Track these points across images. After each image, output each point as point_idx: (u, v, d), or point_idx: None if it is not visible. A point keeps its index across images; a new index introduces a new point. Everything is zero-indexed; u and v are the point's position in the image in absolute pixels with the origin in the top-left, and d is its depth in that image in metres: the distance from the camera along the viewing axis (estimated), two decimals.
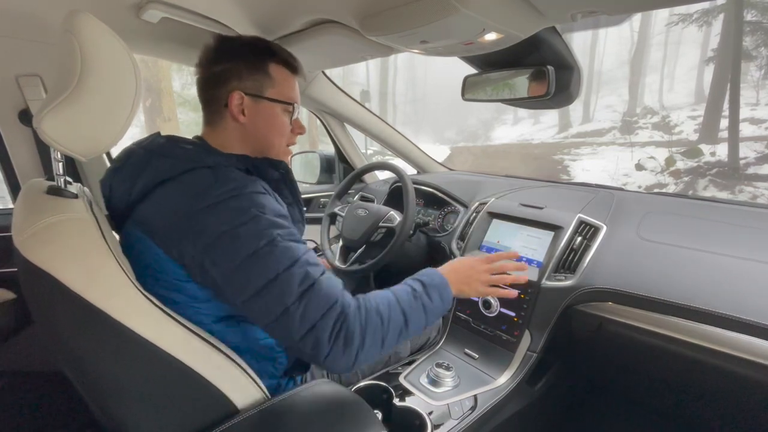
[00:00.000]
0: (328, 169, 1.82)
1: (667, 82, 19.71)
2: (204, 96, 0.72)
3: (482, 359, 0.98)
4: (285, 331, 0.56)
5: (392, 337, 0.62)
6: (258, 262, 0.55)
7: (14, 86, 0.96)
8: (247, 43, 0.71)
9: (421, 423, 0.78)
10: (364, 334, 0.58)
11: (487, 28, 0.71)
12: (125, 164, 0.65)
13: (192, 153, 0.63)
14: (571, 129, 17.01)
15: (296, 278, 0.56)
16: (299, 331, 0.56)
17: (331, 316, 0.56)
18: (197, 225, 0.56)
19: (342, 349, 0.57)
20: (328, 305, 0.57)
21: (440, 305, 0.70)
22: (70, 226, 0.52)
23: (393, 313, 0.63)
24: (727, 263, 0.76)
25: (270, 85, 0.70)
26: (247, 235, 0.56)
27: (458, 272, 0.75)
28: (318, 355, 0.56)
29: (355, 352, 0.57)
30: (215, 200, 0.57)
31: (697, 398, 0.87)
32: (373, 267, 1.12)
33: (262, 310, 0.56)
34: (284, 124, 0.73)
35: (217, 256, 0.56)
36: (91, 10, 0.54)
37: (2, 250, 0.98)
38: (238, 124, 0.70)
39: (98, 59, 0.51)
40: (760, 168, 7.66)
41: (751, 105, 11.49)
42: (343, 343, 0.57)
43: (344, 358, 0.57)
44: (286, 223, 0.60)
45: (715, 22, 8.77)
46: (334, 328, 0.56)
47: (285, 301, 0.55)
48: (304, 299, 0.56)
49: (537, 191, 1.20)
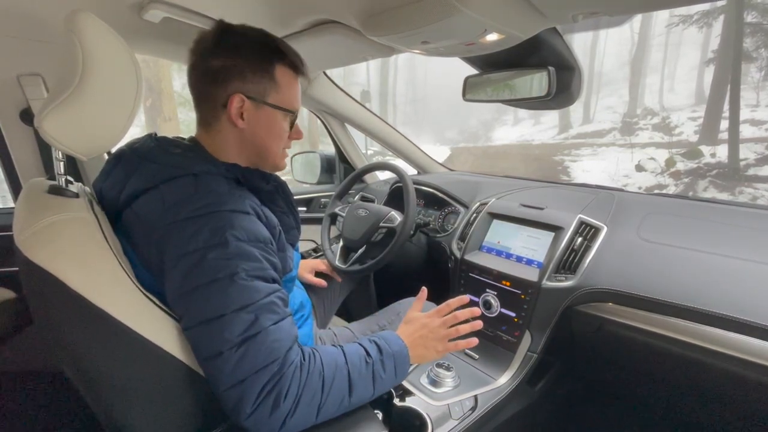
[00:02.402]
0: (328, 170, 1.82)
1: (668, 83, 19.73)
2: (198, 91, 0.65)
3: (482, 359, 0.98)
4: (213, 375, 0.52)
5: (331, 406, 0.56)
6: (210, 294, 0.51)
7: (15, 85, 0.96)
8: (255, 39, 0.65)
9: (422, 423, 0.78)
10: (299, 400, 0.52)
11: (489, 29, 0.71)
12: (115, 168, 0.63)
13: (179, 159, 0.60)
14: (571, 130, 17.03)
15: (242, 323, 0.51)
16: (226, 381, 0.51)
17: (266, 373, 0.51)
18: (167, 238, 0.53)
19: (269, 412, 0.51)
20: (267, 361, 0.51)
21: (392, 379, 0.63)
22: (71, 225, 0.52)
23: (338, 379, 0.57)
24: (728, 264, 0.76)
25: (274, 90, 0.66)
26: (209, 261, 0.52)
27: (412, 336, 0.69)
28: (239, 414, 0.50)
29: (284, 417, 0.51)
30: (190, 215, 0.53)
31: (697, 399, 0.87)
32: (373, 267, 1.13)
33: (199, 344, 0.53)
34: (283, 130, 0.69)
35: (175, 275, 0.53)
36: (93, 9, 0.54)
37: (3, 249, 0.98)
38: (235, 128, 0.65)
39: (100, 59, 0.52)
40: (760, 169, 7.67)
41: (752, 106, 11.51)
42: (271, 405, 0.51)
43: (269, 423, 0.51)
44: (257, 253, 0.55)
45: (716, 24, 8.79)
46: (265, 387, 0.51)
47: (222, 345, 0.50)
48: (242, 348, 0.51)
49: (537, 192, 1.20)
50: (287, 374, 0.52)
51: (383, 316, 1.02)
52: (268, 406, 0.51)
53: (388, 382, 0.62)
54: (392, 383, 0.63)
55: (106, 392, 0.54)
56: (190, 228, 0.53)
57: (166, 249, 0.53)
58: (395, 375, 0.63)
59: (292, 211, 0.72)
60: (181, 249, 0.52)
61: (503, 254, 1.04)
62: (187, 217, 0.53)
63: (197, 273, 0.51)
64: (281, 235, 0.64)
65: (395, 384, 0.64)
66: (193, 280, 0.52)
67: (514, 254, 1.02)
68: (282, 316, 0.55)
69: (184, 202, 0.54)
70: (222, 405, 0.53)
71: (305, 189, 1.75)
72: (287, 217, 0.70)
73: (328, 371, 0.56)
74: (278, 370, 0.52)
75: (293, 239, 0.73)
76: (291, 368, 0.53)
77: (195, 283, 0.51)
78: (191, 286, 0.52)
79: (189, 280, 0.52)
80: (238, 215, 0.55)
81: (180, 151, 0.62)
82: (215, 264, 0.52)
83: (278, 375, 0.51)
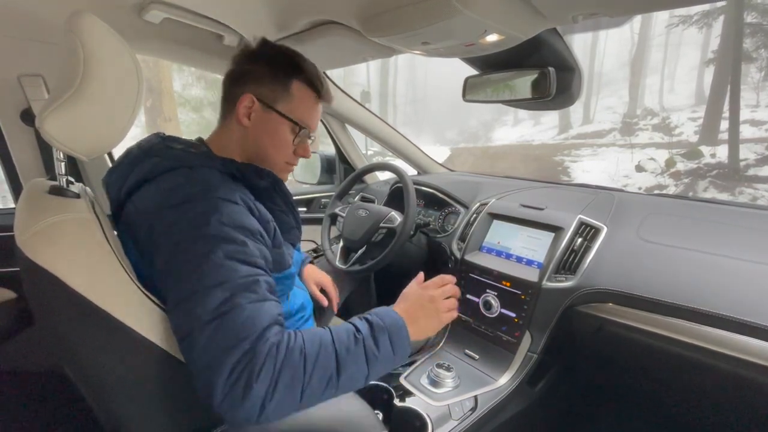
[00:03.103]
0: (328, 170, 1.82)
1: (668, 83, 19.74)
2: (223, 92, 0.72)
3: (483, 360, 0.98)
4: (187, 359, 0.49)
5: (316, 388, 0.50)
6: (188, 273, 0.50)
7: (16, 86, 0.96)
8: (283, 54, 0.71)
9: (422, 423, 0.78)
10: (276, 381, 0.47)
11: (489, 30, 0.71)
12: (121, 164, 0.65)
13: (179, 153, 0.62)
14: (571, 130, 17.04)
15: (215, 299, 0.48)
16: (197, 363, 0.47)
17: (237, 351, 0.47)
18: (157, 223, 0.54)
19: (241, 395, 0.46)
20: (238, 339, 0.47)
21: (389, 356, 0.57)
22: (72, 225, 0.53)
23: (323, 357, 0.51)
24: (728, 264, 0.77)
25: (286, 101, 0.69)
26: (189, 241, 0.51)
27: (410, 309, 0.65)
28: (212, 399, 0.46)
29: (260, 401, 0.46)
30: (181, 200, 0.54)
31: (697, 399, 0.87)
32: (373, 267, 1.13)
33: (174, 326, 0.51)
34: (286, 142, 0.71)
35: (159, 258, 0.53)
36: (94, 10, 0.54)
37: (4, 249, 0.98)
38: (241, 126, 0.69)
39: (101, 59, 0.52)
40: (760, 170, 7.67)
41: (752, 107, 11.52)
42: (243, 388, 0.46)
43: (243, 409, 0.46)
44: (242, 237, 0.54)
45: (716, 24, 8.79)
46: (236, 367, 0.46)
47: (193, 322, 0.48)
48: (212, 325, 0.48)
49: (537, 192, 1.20)
50: (260, 352, 0.47)
51: None
52: (240, 389, 0.46)
53: (385, 360, 0.57)
54: (390, 362, 0.57)
55: (106, 392, 0.54)
56: (178, 212, 0.54)
57: (154, 233, 0.54)
58: (393, 351, 0.57)
59: (291, 210, 0.72)
60: (166, 231, 0.53)
61: (503, 255, 1.04)
62: (176, 203, 0.55)
63: (177, 253, 0.52)
64: (276, 232, 0.64)
65: (395, 363, 0.58)
66: (173, 260, 0.52)
67: (514, 255, 1.02)
68: (263, 297, 0.52)
69: (176, 189, 0.56)
70: (198, 393, 0.48)
71: (305, 189, 1.75)
72: (286, 216, 0.71)
73: (311, 347, 0.51)
74: (250, 348, 0.47)
75: (294, 239, 0.73)
76: (265, 346, 0.48)
77: (174, 263, 0.52)
78: (171, 266, 0.52)
79: (170, 260, 0.52)
80: (227, 203, 0.55)
81: (181, 147, 0.65)
82: (194, 244, 0.51)
83: (250, 353, 0.47)
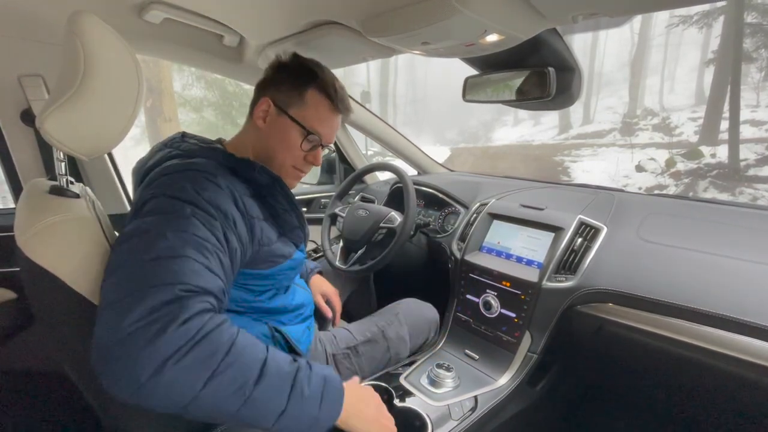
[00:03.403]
0: (328, 170, 1.83)
1: (668, 83, 19.74)
2: (252, 98, 0.78)
3: (483, 360, 0.98)
4: (102, 292, 0.45)
5: (224, 384, 0.43)
6: (152, 214, 0.51)
7: (16, 86, 0.96)
8: (302, 63, 0.75)
9: (422, 424, 0.78)
10: (192, 347, 0.42)
11: (489, 30, 0.71)
12: (146, 158, 0.71)
13: (188, 146, 0.67)
14: (571, 130, 17.03)
15: (164, 242, 0.47)
16: (109, 294, 0.43)
17: (162, 294, 0.43)
18: (145, 191, 0.56)
19: (147, 340, 0.40)
20: (172, 282, 0.44)
21: (315, 403, 0.49)
22: (72, 225, 0.53)
23: (248, 357, 0.46)
24: (728, 264, 0.77)
25: (298, 106, 0.72)
26: (166, 196, 0.53)
27: (368, 407, 0.58)
28: (112, 331, 0.40)
29: (163, 358, 0.40)
30: (170, 171, 0.58)
31: (697, 399, 0.87)
32: (373, 267, 1.13)
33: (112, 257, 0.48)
34: (294, 146, 0.73)
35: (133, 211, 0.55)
36: (94, 10, 0.54)
37: (4, 249, 0.98)
38: (256, 128, 0.74)
39: (101, 60, 0.52)
40: (760, 170, 7.67)
41: (752, 107, 11.51)
42: (154, 333, 0.40)
43: (144, 353, 0.40)
44: (214, 212, 0.53)
45: (716, 24, 8.79)
46: (154, 310, 0.41)
47: (130, 256, 0.46)
48: (150, 263, 0.45)
49: (537, 192, 1.20)
50: (189, 307, 0.43)
51: (382, 316, 1.02)
52: (152, 331, 0.40)
53: (309, 406, 0.49)
54: (312, 412, 0.49)
55: (106, 391, 0.54)
56: (164, 179, 0.57)
57: (140, 200, 0.56)
58: (320, 401, 0.50)
59: (294, 208, 0.73)
60: (149, 193, 0.55)
61: (503, 255, 1.04)
62: (166, 173, 0.58)
63: (148, 201, 0.54)
64: (263, 232, 0.65)
65: (315, 419, 0.49)
66: (140, 208, 0.53)
67: (514, 255, 1.02)
68: (214, 267, 0.50)
69: (170, 167, 0.60)
70: (93, 339, 0.41)
71: (305, 189, 1.75)
72: (289, 216, 0.71)
73: (242, 341, 0.47)
74: (179, 298, 0.43)
75: (297, 239, 0.74)
76: (197, 305, 0.44)
77: (142, 209, 0.53)
78: (137, 211, 0.54)
79: (138, 210, 0.54)
80: (211, 183, 0.57)
81: (195, 141, 0.70)
82: (167, 200, 0.53)
83: (178, 303, 0.43)
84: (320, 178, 1.79)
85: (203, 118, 8.31)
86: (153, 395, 0.41)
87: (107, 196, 1.16)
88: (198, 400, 0.42)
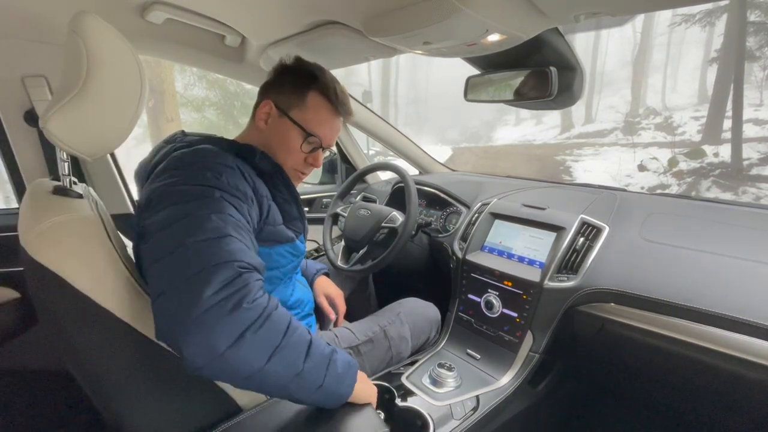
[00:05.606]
0: (330, 170, 1.83)
1: (670, 82, 19.66)
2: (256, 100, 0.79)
3: (484, 360, 0.98)
4: (162, 276, 0.47)
5: (284, 358, 0.48)
6: (180, 199, 0.52)
7: (20, 87, 0.97)
8: (304, 66, 0.77)
9: (423, 423, 0.78)
10: (266, 319, 0.47)
11: (490, 29, 0.71)
12: (148, 158, 0.71)
13: (191, 139, 0.68)
14: (573, 130, 16.97)
15: (209, 223, 0.49)
16: (175, 276, 0.45)
17: (226, 271, 0.46)
18: (159, 182, 0.56)
19: (228, 311, 0.44)
20: (229, 259, 0.47)
21: (342, 382, 0.57)
22: (76, 225, 0.53)
23: (300, 337, 0.51)
24: (730, 264, 0.76)
25: (299, 109, 0.74)
26: (187, 183, 0.54)
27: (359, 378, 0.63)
28: (193, 305, 0.43)
29: (243, 329, 0.44)
30: (181, 165, 0.58)
31: (699, 399, 0.87)
32: (375, 267, 1.13)
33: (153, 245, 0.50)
34: (295, 148, 0.75)
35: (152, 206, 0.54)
36: (96, 11, 0.54)
37: (7, 249, 0.98)
38: (258, 129, 0.75)
39: (104, 60, 0.52)
40: (763, 169, 7.62)
41: (755, 106, 11.44)
42: (232, 306, 0.44)
43: (222, 327, 0.43)
44: (236, 192, 0.57)
45: (719, 23, 8.74)
46: (227, 284, 0.45)
47: (183, 239, 0.48)
48: (204, 243, 0.48)
49: (539, 192, 1.20)
50: (251, 282, 0.48)
51: (384, 315, 1.02)
52: (228, 305, 0.44)
53: (339, 382, 0.56)
54: (339, 389, 0.57)
55: (109, 391, 0.54)
56: (177, 171, 0.57)
57: (153, 193, 0.55)
58: (345, 379, 0.57)
59: (294, 199, 0.74)
60: (165, 185, 0.55)
61: (505, 254, 1.04)
62: (177, 166, 0.58)
63: (173, 190, 0.54)
64: (271, 210, 0.67)
65: (341, 394, 0.58)
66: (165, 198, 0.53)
67: (516, 254, 1.02)
68: (250, 244, 0.54)
69: (178, 158, 0.60)
70: (159, 318, 0.45)
71: (307, 189, 1.75)
72: (289, 206, 0.73)
73: (294, 321, 0.52)
74: (239, 274, 0.47)
75: (296, 229, 0.75)
76: (255, 281, 0.49)
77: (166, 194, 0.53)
78: (162, 197, 0.53)
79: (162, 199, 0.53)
80: (222, 166, 0.59)
81: (197, 137, 0.70)
82: (189, 188, 0.53)
83: (241, 280, 0.47)
84: (322, 177, 1.79)
85: (205, 118, 8.33)
86: (227, 366, 0.45)
87: (110, 196, 1.16)
88: (261, 373, 0.47)
